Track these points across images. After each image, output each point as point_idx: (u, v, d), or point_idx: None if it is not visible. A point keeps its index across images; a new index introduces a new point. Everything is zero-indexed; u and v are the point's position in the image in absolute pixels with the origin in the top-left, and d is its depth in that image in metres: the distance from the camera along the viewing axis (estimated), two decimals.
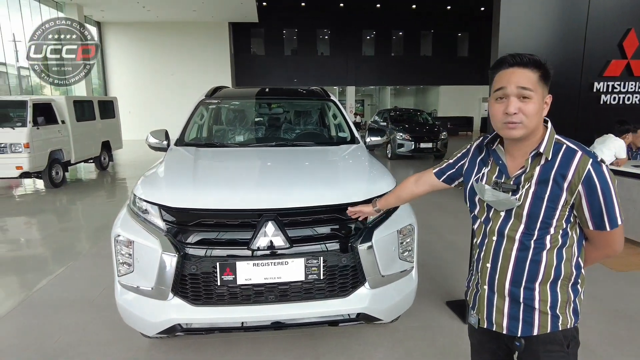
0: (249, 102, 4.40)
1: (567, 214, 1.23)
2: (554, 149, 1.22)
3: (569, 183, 1.18)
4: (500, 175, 1.31)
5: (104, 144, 10.55)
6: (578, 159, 1.18)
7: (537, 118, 1.21)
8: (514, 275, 1.29)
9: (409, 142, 11.89)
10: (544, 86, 1.22)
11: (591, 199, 1.18)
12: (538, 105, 1.20)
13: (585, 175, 1.16)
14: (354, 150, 3.24)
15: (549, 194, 1.20)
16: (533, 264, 1.26)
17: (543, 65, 1.21)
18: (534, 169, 1.23)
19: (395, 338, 2.78)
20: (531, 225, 1.24)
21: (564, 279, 1.27)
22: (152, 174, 2.66)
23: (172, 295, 2.14)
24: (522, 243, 1.26)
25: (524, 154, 1.27)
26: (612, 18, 5.50)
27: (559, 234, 1.24)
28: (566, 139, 1.24)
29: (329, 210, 2.23)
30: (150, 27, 20.78)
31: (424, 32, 25.55)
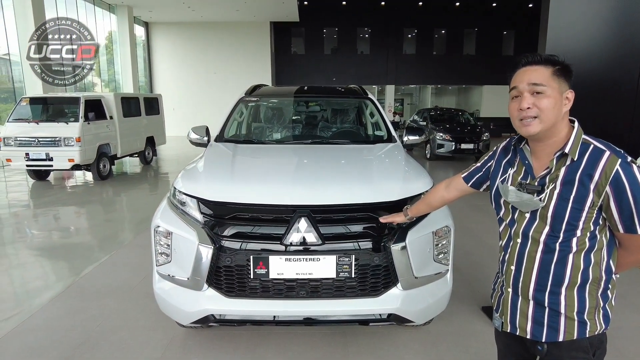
0: (287, 100, 4.44)
1: (594, 215, 1.18)
2: (580, 149, 1.18)
3: (596, 184, 1.14)
4: (526, 176, 1.29)
5: (149, 139, 10.99)
6: (606, 159, 1.14)
7: (555, 113, 1.19)
8: (539, 278, 1.26)
9: (449, 143, 11.61)
10: (561, 81, 1.20)
11: (620, 201, 1.13)
12: (553, 99, 1.18)
13: (613, 175, 1.12)
14: (390, 149, 3.20)
15: (575, 194, 1.17)
16: (559, 267, 1.23)
17: (558, 61, 1.20)
18: (559, 170, 1.20)
19: (427, 341, 2.73)
20: (556, 226, 1.21)
21: (592, 283, 1.23)
22: (192, 168, 2.74)
23: (206, 286, 2.19)
24: (547, 245, 1.24)
25: (548, 155, 1.24)
26: None
27: (587, 236, 1.20)
28: (594, 139, 1.20)
29: (362, 208, 2.22)
30: (194, 27, 21.46)
31: (468, 31, 24.86)
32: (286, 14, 20.16)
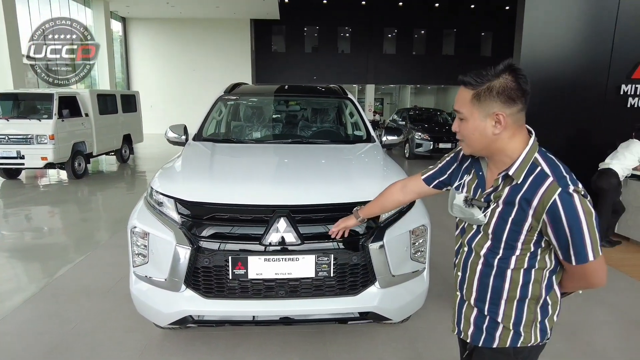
0: (267, 99, 4.43)
1: (535, 238, 1.15)
2: (527, 171, 1.13)
3: (534, 210, 1.09)
4: (477, 188, 1.27)
5: (125, 137, 10.78)
6: (546, 187, 1.07)
7: (477, 138, 1.17)
8: (479, 289, 1.27)
9: (427, 142, 11.78)
10: (485, 103, 1.12)
11: (556, 231, 1.08)
12: (472, 125, 1.16)
13: (550, 205, 1.06)
14: (369, 149, 3.23)
15: (514, 216, 1.14)
16: (497, 281, 1.22)
17: (476, 84, 1.12)
18: (504, 189, 1.16)
19: (405, 338, 2.77)
20: (495, 244, 1.20)
21: (531, 299, 1.21)
22: (170, 167, 2.71)
23: (184, 287, 2.18)
24: (487, 259, 1.23)
25: (498, 171, 1.20)
26: None
27: (526, 256, 1.18)
28: (546, 161, 1.13)
29: (342, 208, 2.23)
30: (173, 23, 21.11)
31: (447, 31, 25.22)
32: (266, 11, 20.03)
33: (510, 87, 1.10)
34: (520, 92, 1.10)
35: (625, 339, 2.85)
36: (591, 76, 5.43)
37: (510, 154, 1.16)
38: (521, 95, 1.11)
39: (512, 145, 1.16)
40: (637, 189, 4.60)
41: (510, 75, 1.10)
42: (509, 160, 1.16)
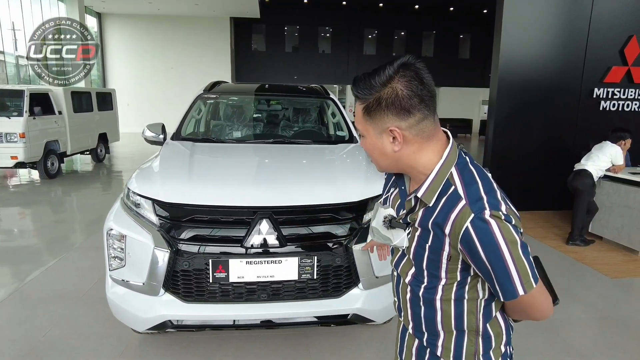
0: (248, 98, 4.37)
1: (459, 266, 0.96)
2: (441, 191, 0.93)
3: (450, 237, 0.91)
4: (401, 206, 1.07)
5: (101, 136, 10.50)
6: (457, 211, 0.89)
7: (377, 156, 1.00)
8: (414, 319, 1.10)
9: None
10: (373, 119, 0.95)
11: (476, 262, 0.90)
12: (370, 142, 0.99)
13: (463, 233, 0.88)
14: (351, 150, 3.22)
15: (430, 244, 0.96)
16: (428, 311, 1.05)
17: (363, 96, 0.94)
18: (419, 211, 0.98)
19: (388, 339, 2.77)
20: (418, 271, 1.03)
21: (470, 331, 1.04)
22: (147, 167, 2.64)
23: (163, 291, 2.12)
24: (412, 288, 1.06)
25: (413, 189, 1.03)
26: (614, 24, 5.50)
27: (454, 285, 0.99)
28: (462, 176, 0.94)
29: (325, 209, 2.21)
30: (151, 20, 20.71)
31: (426, 33, 25.53)
32: (246, 9, 19.87)
33: (401, 95, 0.90)
34: (415, 100, 0.90)
35: (600, 335, 2.92)
36: (566, 80, 5.57)
37: (423, 169, 0.97)
38: (418, 103, 0.91)
39: (423, 159, 0.96)
40: (610, 190, 4.74)
41: (401, 79, 0.90)
42: (424, 177, 0.97)
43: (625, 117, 5.70)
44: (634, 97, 5.74)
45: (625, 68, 5.61)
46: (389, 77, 0.91)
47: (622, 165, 4.59)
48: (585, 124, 5.67)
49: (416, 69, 0.92)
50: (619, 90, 5.68)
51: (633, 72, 5.64)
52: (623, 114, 5.76)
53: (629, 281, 3.86)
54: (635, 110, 5.78)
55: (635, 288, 3.74)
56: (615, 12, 5.49)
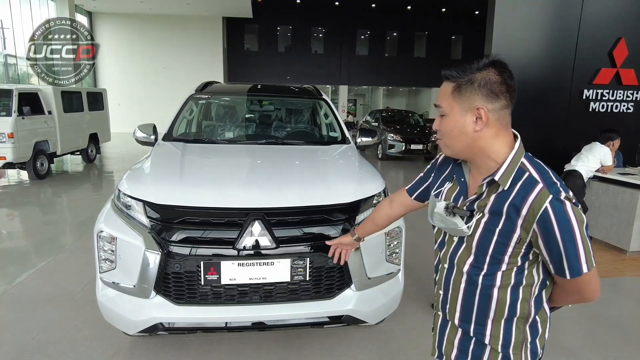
0: (240, 98, 4.35)
1: (523, 250, 1.04)
2: (514, 176, 1.02)
3: (524, 219, 0.99)
4: (459, 196, 1.15)
5: (92, 136, 10.40)
6: (536, 193, 0.97)
7: (456, 136, 1.08)
8: (463, 309, 1.16)
9: (399, 143, 11.92)
10: (465, 97, 1.05)
11: (548, 242, 0.98)
12: (452, 121, 1.07)
13: (541, 213, 0.96)
14: (344, 151, 3.22)
15: (501, 227, 1.03)
16: (483, 299, 1.12)
17: (458, 76, 1.06)
18: (490, 197, 1.05)
19: (380, 340, 2.77)
20: (480, 258, 1.09)
21: (520, 318, 1.11)
22: (138, 169, 2.62)
23: (154, 294, 2.10)
24: (470, 277, 1.12)
25: (482, 176, 1.09)
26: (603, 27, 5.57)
27: (513, 271, 1.07)
28: (533, 165, 1.04)
29: (317, 211, 2.21)
30: (142, 19, 20.58)
31: (419, 34, 25.65)
32: (239, 9, 19.82)
33: (493, 80, 1.02)
34: (504, 87, 1.03)
35: (589, 334, 2.95)
36: (556, 81, 5.62)
37: (495, 157, 1.06)
38: (505, 91, 1.03)
39: (495, 146, 1.06)
40: (599, 190, 4.80)
41: (494, 69, 1.03)
42: (494, 164, 1.06)
43: (614, 118, 5.77)
44: (623, 99, 5.81)
45: (614, 70, 5.68)
46: (484, 65, 1.04)
47: (611, 166, 4.64)
48: (575, 125, 5.73)
49: (506, 64, 1.04)
50: (608, 92, 5.74)
51: (622, 74, 5.71)
52: (612, 115, 5.83)
53: (617, 280, 3.90)
54: (624, 112, 5.85)
55: (624, 287, 3.79)
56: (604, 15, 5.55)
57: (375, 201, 2.41)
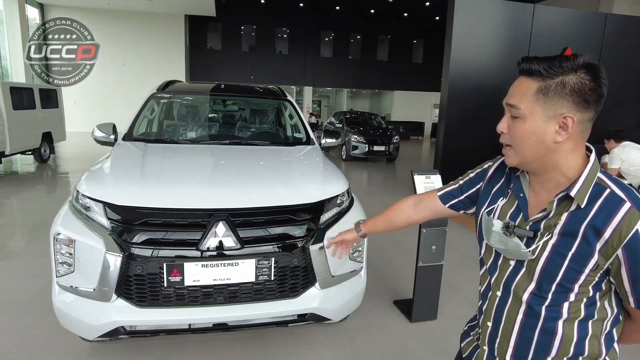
0: (203, 98, 4.31)
1: (596, 279, 0.90)
2: (591, 193, 0.89)
3: (605, 243, 0.85)
4: (517, 213, 1.00)
5: (45, 135, 9.91)
6: (624, 213, 0.84)
7: (531, 144, 0.93)
8: (518, 345, 1.00)
9: (363, 145, 12.11)
10: (548, 101, 0.89)
11: (634, 270, 0.85)
12: (530, 127, 0.92)
13: (631, 237, 0.82)
14: (309, 152, 3.26)
15: (575, 251, 0.89)
16: (544, 335, 0.96)
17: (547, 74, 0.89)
18: (560, 215, 0.91)
19: (344, 337, 2.83)
20: (544, 286, 0.94)
21: (587, 357, 0.95)
22: (97, 169, 2.55)
23: (115, 297, 2.06)
24: (530, 307, 0.97)
25: (549, 192, 0.96)
26: (551, 36, 5.91)
27: (582, 302, 0.93)
28: (612, 180, 0.90)
29: (282, 211, 2.24)
30: (99, 14, 19.74)
31: (381, 37, 26.11)
32: (202, 7, 19.46)
33: (588, 86, 0.87)
34: (597, 96, 0.88)
35: None
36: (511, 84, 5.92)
37: (567, 171, 0.93)
38: (597, 100, 0.88)
39: (571, 161, 0.93)
40: None
41: (588, 72, 0.87)
42: (564, 179, 0.93)
43: None
44: None
45: None
46: (578, 65, 0.87)
47: None
48: None
49: (603, 70, 0.88)
50: None
51: None
52: None
53: None
54: None
55: None
56: (552, 26, 5.90)
57: (339, 201, 2.47)
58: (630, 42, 6.28)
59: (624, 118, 6.44)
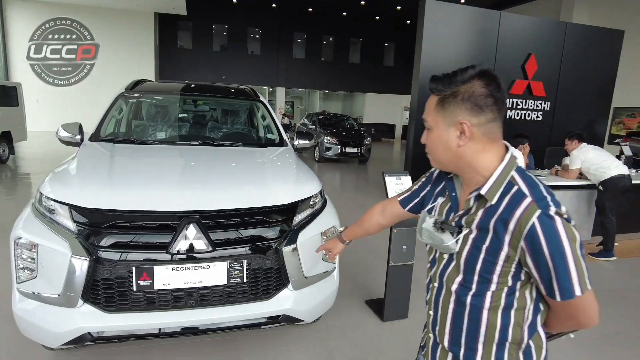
0: (173, 97, 4.23)
1: (513, 270, 0.99)
2: (503, 191, 0.98)
3: (511, 235, 0.94)
4: (450, 211, 1.12)
5: (4, 134, 9.47)
6: (523, 208, 0.93)
7: (441, 150, 1.05)
8: (452, 331, 1.10)
9: (335, 146, 12.19)
10: (449, 111, 1.01)
11: (537, 260, 0.93)
12: (436, 134, 1.05)
13: (529, 229, 0.91)
14: (281, 153, 3.26)
15: (488, 244, 0.98)
16: (472, 323, 1.06)
17: (442, 89, 1.03)
18: (478, 212, 1.01)
19: (317, 338, 2.84)
20: (468, 276, 1.04)
21: (512, 343, 1.04)
22: (63, 170, 2.46)
23: (81, 302, 1.99)
24: (459, 297, 1.07)
25: (470, 191, 1.06)
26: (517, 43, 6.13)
27: (503, 291, 1.01)
28: (524, 179, 0.99)
29: (255, 212, 2.23)
30: (63, 9, 19.00)
31: (354, 40, 26.33)
32: (172, 5, 19.07)
33: (477, 93, 0.98)
34: (490, 100, 0.98)
35: None
36: None
37: (483, 171, 1.02)
38: (492, 104, 0.98)
39: (482, 161, 1.02)
40: None
41: (480, 80, 0.98)
42: (482, 179, 1.02)
43: (527, 126, 6.36)
44: (533, 108, 6.43)
45: (527, 82, 6.28)
46: (470, 77, 0.99)
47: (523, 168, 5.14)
48: None
49: (494, 76, 0.99)
50: (521, 101, 6.33)
51: (532, 86, 6.32)
52: (525, 122, 6.43)
53: None
54: (534, 120, 6.48)
55: None
56: (517, 33, 6.12)
57: (313, 202, 2.48)
58: (587, 49, 6.59)
59: (581, 120, 6.74)
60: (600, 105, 6.93)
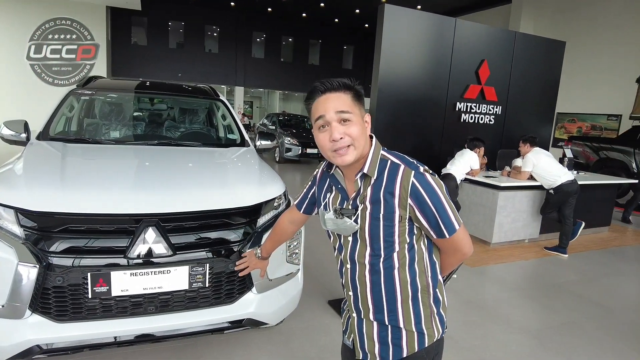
0: (128, 95, 4.05)
1: (407, 227, 1.19)
2: (380, 167, 1.19)
3: (399, 198, 1.15)
4: (343, 201, 1.27)
5: None
6: (401, 174, 1.15)
7: (363, 138, 1.20)
8: (374, 300, 1.25)
9: (296, 147, 12.18)
10: (360, 106, 1.21)
11: (423, 210, 1.15)
12: (359, 125, 1.18)
13: (411, 188, 1.14)
14: (243, 153, 3.21)
15: (383, 212, 1.17)
16: (388, 285, 1.23)
17: (352, 86, 1.20)
18: (367, 190, 1.20)
19: (280, 340, 2.82)
20: (375, 246, 1.21)
21: (422, 292, 1.24)
22: (7, 171, 2.30)
23: (29, 313, 1.87)
24: (372, 267, 1.23)
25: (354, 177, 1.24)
26: (471, 49, 6.38)
27: (405, 249, 1.21)
28: (391, 154, 1.22)
29: (218, 215, 2.18)
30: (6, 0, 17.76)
31: (313, 42, 26.42)
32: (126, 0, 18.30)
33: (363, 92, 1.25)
34: None
35: (464, 316, 3.36)
36: (434, 94, 6.28)
37: (365, 154, 1.22)
38: None
39: (367, 147, 1.22)
40: (469, 190, 5.50)
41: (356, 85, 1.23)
42: (362, 161, 1.21)
43: (480, 129, 6.63)
44: (487, 112, 6.71)
45: (480, 87, 6.54)
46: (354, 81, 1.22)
47: (478, 170, 5.35)
48: (450, 133, 6.46)
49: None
50: (475, 105, 6.58)
51: (485, 91, 6.59)
52: (479, 125, 6.70)
53: (483, 268, 4.51)
54: (487, 123, 6.77)
55: (488, 274, 4.39)
56: (471, 40, 6.37)
57: (277, 204, 2.46)
58: (533, 57, 6.98)
59: (529, 124, 7.13)
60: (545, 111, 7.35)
